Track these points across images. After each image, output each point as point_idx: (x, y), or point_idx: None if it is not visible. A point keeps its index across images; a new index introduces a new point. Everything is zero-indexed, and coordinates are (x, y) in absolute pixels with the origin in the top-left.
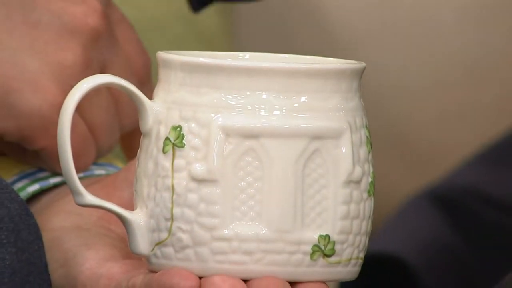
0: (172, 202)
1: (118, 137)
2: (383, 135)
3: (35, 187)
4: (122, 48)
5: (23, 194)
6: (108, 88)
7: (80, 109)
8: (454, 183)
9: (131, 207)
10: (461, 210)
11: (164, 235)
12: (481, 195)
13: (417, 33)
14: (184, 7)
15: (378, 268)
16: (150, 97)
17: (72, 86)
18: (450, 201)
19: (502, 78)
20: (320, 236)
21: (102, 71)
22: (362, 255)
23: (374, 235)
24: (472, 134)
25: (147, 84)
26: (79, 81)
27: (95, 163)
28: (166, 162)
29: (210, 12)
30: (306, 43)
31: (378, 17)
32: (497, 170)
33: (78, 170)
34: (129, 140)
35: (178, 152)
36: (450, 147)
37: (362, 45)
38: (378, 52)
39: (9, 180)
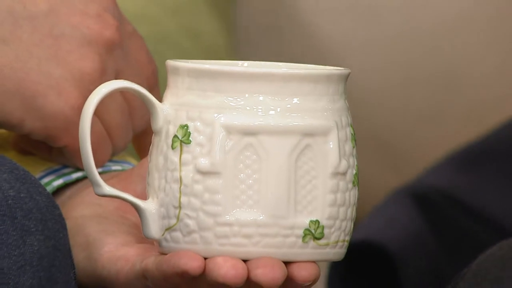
0: (180, 192)
1: (131, 137)
2: (366, 136)
3: (59, 182)
4: (133, 57)
5: (50, 188)
6: (122, 94)
7: (97, 112)
8: (429, 183)
9: (143, 198)
10: (433, 209)
11: (173, 221)
12: (451, 198)
13: (397, 45)
14: (192, 23)
15: (363, 254)
16: (158, 100)
17: (90, 91)
18: (424, 199)
19: (475, 85)
20: (311, 221)
21: (117, 77)
22: (348, 238)
23: (360, 224)
24: (447, 135)
25: (155, 89)
26: (97, 86)
27: (111, 160)
28: (174, 157)
29: (215, 29)
30: (300, 57)
31: (362, 32)
32: (468, 175)
33: (96, 166)
34: (141, 140)
35: (185, 148)
36: (427, 147)
37: (348, 55)
38: (363, 61)
39: (37, 176)
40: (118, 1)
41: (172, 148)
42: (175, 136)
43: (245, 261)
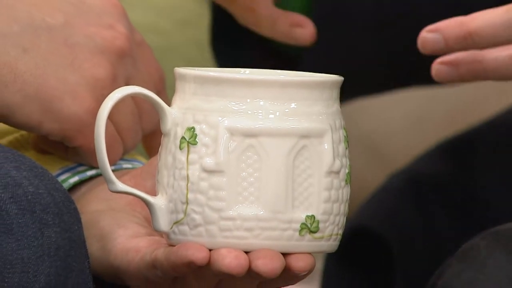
0: (187, 189)
1: (140, 137)
2: (358, 138)
3: (75, 179)
4: (142, 64)
5: (66, 185)
6: (133, 98)
7: (110, 115)
8: (420, 170)
9: (153, 194)
10: (423, 195)
11: (180, 215)
12: (438, 185)
13: None
14: (199, 35)
15: (359, 239)
16: (166, 103)
17: (103, 96)
18: (416, 186)
19: (453, 91)
20: (307, 216)
21: (127, 83)
22: (341, 231)
23: (356, 210)
24: (428, 137)
25: (163, 94)
26: (109, 92)
27: (123, 159)
28: (182, 156)
29: None
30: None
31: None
32: (454, 164)
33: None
34: (150, 140)
35: (192, 148)
36: (411, 148)
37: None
38: None
39: (54, 173)
40: (130, 15)
41: (180, 148)
42: (183, 137)
43: (246, 252)
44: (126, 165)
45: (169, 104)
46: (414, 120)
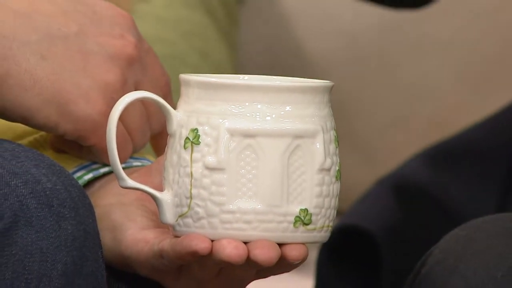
0: (191, 185)
1: (149, 137)
2: (347, 139)
3: (89, 176)
4: (150, 70)
5: (81, 181)
6: (141, 102)
7: (121, 117)
8: (405, 175)
9: (160, 189)
10: (408, 200)
11: (185, 209)
12: (422, 190)
13: (371, 62)
14: (202, 45)
15: (350, 237)
16: (171, 106)
17: (113, 99)
18: (401, 191)
19: (434, 95)
20: (301, 209)
21: (136, 87)
22: (331, 224)
23: (347, 210)
24: (412, 137)
25: (169, 97)
26: (119, 95)
27: (133, 157)
28: (186, 155)
29: (221, 49)
30: (291, 72)
31: (343, 52)
32: (438, 171)
33: (120, 162)
34: (157, 140)
35: (195, 148)
36: (396, 147)
37: (331, 72)
38: (344, 76)
39: (70, 171)
40: (139, 26)
41: (184, 148)
42: (187, 138)
43: (245, 243)
44: (136, 163)
45: (174, 107)
46: (401, 120)
